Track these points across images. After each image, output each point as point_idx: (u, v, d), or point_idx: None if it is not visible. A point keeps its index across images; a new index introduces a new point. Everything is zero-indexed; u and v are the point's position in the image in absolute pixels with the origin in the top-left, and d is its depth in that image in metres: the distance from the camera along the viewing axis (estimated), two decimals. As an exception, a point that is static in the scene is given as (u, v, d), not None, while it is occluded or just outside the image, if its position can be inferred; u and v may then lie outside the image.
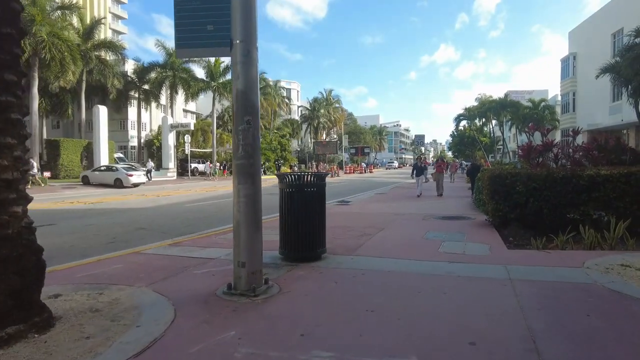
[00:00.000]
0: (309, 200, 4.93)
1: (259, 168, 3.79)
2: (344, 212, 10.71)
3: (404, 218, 9.42)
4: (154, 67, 44.93)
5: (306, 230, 4.90)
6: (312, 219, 4.94)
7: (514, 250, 5.73)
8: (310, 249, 4.98)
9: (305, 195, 4.92)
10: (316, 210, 5.00)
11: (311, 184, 5.01)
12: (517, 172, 7.36)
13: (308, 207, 4.91)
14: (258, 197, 3.79)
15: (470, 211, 10.60)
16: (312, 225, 4.95)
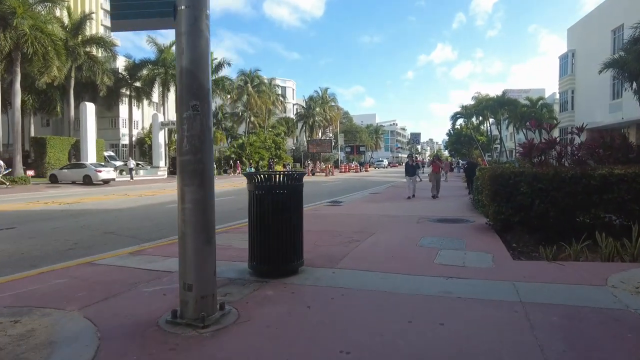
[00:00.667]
0: (283, 204, 4.18)
1: (210, 166, 3.04)
2: (334, 214, 9.98)
3: (397, 221, 8.70)
4: (146, 63, 44.03)
5: (279, 239, 4.16)
6: (287, 226, 4.20)
7: (521, 262, 5.01)
8: (284, 261, 4.24)
9: (278, 198, 4.17)
10: (291, 216, 4.26)
11: (285, 185, 4.27)
12: (522, 172, 6.65)
13: (282, 212, 4.16)
14: (209, 202, 3.04)
15: (468, 213, 9.90)
16: (287, 234, 4.21)
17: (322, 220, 8.85)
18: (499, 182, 6.66)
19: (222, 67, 42.02)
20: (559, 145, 9.47)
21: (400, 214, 9.81)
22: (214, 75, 42.19)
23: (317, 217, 9.27)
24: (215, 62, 42.31)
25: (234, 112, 59.54)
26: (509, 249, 6.04)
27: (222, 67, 42.05)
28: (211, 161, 3.05)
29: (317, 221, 8.60)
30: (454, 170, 36.13)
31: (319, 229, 7.53)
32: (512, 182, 6.57)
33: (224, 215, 10.01)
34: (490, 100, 42.25)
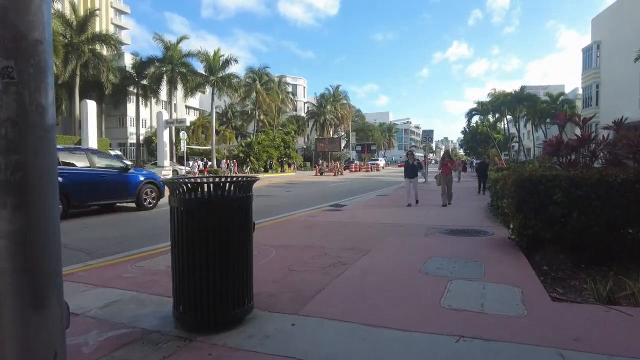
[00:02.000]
0: (221, 225, 2.90)
1: (45, 173, 1.77)
2: (329, 222, 8.68)
3: (401, 232, 7.35)
4: (153, 61, 43.30)
5: (213, 277, 2.88)
6: (225, 259, 2.92)
7: (563, 305, 3.62)
8: (220, 308, 2.94)
9: (213, 217, 2.89)
10: (235, 242, 2.98)
11: (225, 198, 2.98)
12: (555, 176, 5.25)
13: (218, 237, 2.89)
14: (42, 235, 1.77)
15: (486, 222, 8.49)
16: (225, 269, 2.92)
17: (312, 231, 7.56)
18: (526, 189, 5.27)
19: (229, 64, 41.00)
20: (594, 142, 8.00)
21: (407, 223, 8.45)
22: (221, 72, 41.25)
23: (308, 227, 7.98)
24: (222, 59, 41.35)
25: (243, 110, 58.68)
26: (540, 275, 4.68)
27: (229, 63, 41.01)
28: (48, 166, 1.77)
29: (305, 233, 7.32)
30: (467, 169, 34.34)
31: (304, 243, 6.24)
32: (543, 188, 5.18)
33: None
34: (508, 95, 40.19)
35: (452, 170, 13.26)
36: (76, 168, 10.10)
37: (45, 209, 1.81)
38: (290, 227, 8.03)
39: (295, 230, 7.57)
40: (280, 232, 7.50)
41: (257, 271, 4.56)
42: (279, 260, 5.12)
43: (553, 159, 8.68)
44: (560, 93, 39.54)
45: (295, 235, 7.00)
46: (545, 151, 9.11)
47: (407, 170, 12.37)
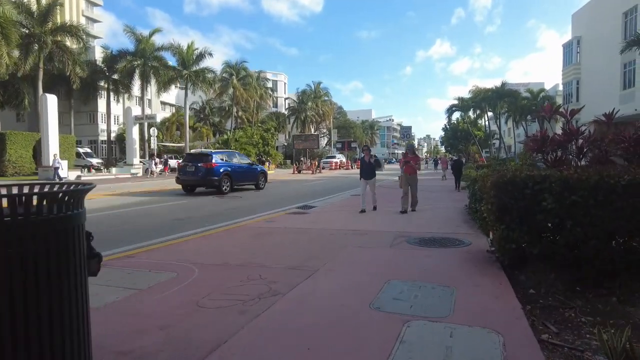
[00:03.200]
0: (27, 265, 1.72)
1: None
2: (285, 229, 7.54)
3: (363, 241, 6.27)
4: (124, 54, 41.35)
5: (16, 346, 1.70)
6: (32, 318, 1.73)
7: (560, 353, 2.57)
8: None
9: (18, 253, 1.70)
10: (49, 293, 1.80)
11: (23, 221, 1.78)
12: (545, 177, 4.22)
13: (24, 286, 1.70)
14: None
15: (463, 227, 7.48)
16: (32, 333, 1.74)
17: (261, 241, 6.41)
18: (509, 193, 4.24)
19: (204, 58, 39.39)
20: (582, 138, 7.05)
21: (373, 229, 7.38)
22: (195, 66, 39.61)
23: (259, 236, 6.83)
24: (196, 52, 39.71)
25: (221, 106, 56.98)
26: (527, 302, 3.70)
27: (203, 57, 39.41)
28: None
29: (251, 244, 6.17)
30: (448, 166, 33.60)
31: (242, 260, 5.10)
32: (530, 192, 4.15)
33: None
34: (488, 91, 39.63)
35: (417, 169, 10.96)
36: (233, 163, 17.30)
37: None
38: (237, 236, 6.87)
39: (240, 241, 6.42)
40: (222, 243, 6.34)
41: (151, 307, 3.40)
42: (195, 287, 3.97)
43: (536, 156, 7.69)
44: (541, 89, 39.21)
45: (236, 249, 5.85)
46: (529, 147, 8.10)
47: (363, 170, 10.09)
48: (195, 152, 19.20)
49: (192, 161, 16.26)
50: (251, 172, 17.95)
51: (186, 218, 9.66)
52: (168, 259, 5.22)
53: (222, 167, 16.15)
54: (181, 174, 16.44)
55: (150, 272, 4.65)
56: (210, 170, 15.63)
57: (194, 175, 15.81)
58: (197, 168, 15.81)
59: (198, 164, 15.84)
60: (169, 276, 4.44)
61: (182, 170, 16.41)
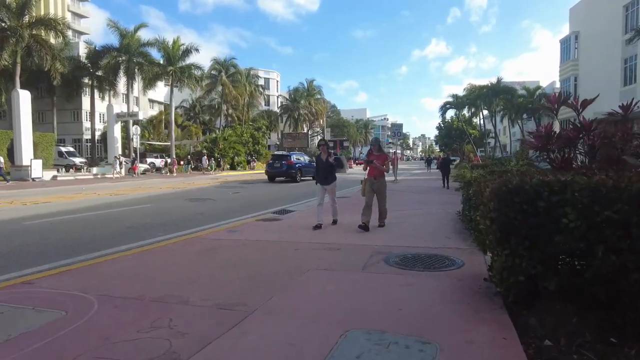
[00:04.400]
0: None
1: None
2: (244, 242, 6.33)
3: (332, 260, 5.08)
4: (108, 50, 39.86)
5: None
6: None
7: None
8: None
9: None
10: None
11: None
12: (566, 183, 3.04)
13: None
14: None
15: (454, 238, 6.31)
16: None
17: (208, 260, 5.21)
18: (515, 206, 3.06)
19: (190, 54, 38.01)
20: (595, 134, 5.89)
21: (348, 242, 6.19)
22: (181, 62, 38.22)
23: (208, 253, 5.62)
24: (182, 48, 38.31)
25: (210, 104, 55.58)
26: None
27: (189, 53, 38.03)
28: None
29: (191, 266, 4.96)
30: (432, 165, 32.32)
31: (162, 292, 3.89)
32: (545, 205, 2.98)
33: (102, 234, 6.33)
34: (484, 88, 38.41)
35: (385, 170, 7.58)
36: (302, 161, 23.27)
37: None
38: (183, 253, 5.66)
39: (182, 260, 5.21)
40: (159, 263, 5.13)
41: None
42: (70, 340, 2.78)
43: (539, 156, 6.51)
44: (538, 87, 38.12)
45: (169, 272, 4.65)
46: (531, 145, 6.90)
47: (320, 172, 7.81)
48: (279, 153, 26.07)
49: (278, 160, 23.31)
50: (311, 167, 22.55)
51: (143, 225, 8.45)
52: (73, 287, 4.03)
53: (297, 164, 22.89)
54: (269, 168, 23.23)
55: (34, 309, 3.47)
56: (291, 166, 22.41)
57: (280, 169, 22.56)
58: (281, 164, 22.55)
59: (282, 162, 22.74)
60: (53, 317, 3.26)
61: (270, 166, 23.29)
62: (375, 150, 7.76)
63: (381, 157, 7.66)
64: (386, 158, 7.74)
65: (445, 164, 18.59)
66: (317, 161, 8.01)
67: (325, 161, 7.73)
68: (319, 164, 7.88)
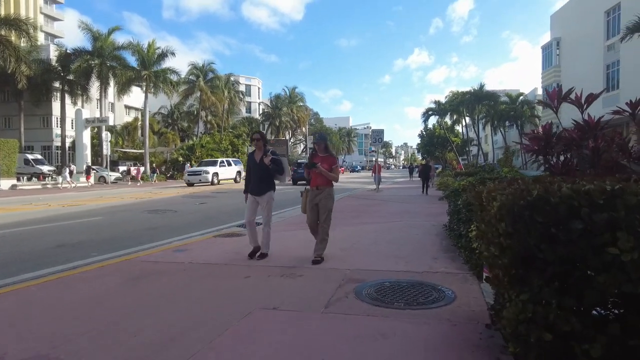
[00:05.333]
0: None
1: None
2: (186, 267, 5.16)
3: (288, 293, 3.96)
4: (80, 53, 38.14)
5: None
6: None
7: None
8: None
9: None
10: None
11: None
12: (615, 193, 2.01)
13: None
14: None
15: (442, 258, 5.26)
16: None
17: (128, 295, 4.04)
18: (540, 229, 2.03)
19: (166, 57, 36.64)
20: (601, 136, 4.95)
21: (322, 264, 5.10)
22: (156, 66, 36.80)
23: (134, 284, 4.45)
24: (157, 51, 36.90)
25: (189, 110, 54.05)
26: None
27: (165, 57, 36.67)
28: None
29: (99, 305, 3.79)
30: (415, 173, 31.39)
31: (33, 351, 2.72)
32: (584, 227, 1.95)
33: None
34: (466, 94, 37.93)
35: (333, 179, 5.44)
36: None
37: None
38: (98, 283, 4.46)
39: (89, 295, 4.03)
40: (57, 299, 3.93)
41: None
42: None
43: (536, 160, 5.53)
44: (520, 93, 37.91)
45: (60, 315, 3.46)
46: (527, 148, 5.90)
47: (252, 176, 5.64)
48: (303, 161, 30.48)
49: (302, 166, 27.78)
50: None
51: (78, 243, 7.20)
52: None
53: None
54: (295, 173, 25.73)
55: None
56: None
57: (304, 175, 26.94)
58: None
59: None
60: None
61: (296, 172, 25.89)
62: (320, 151, 5.56)
63: (328, 159, 5.43)
64: (334, 162, 5.49)
65: (425, 171, 19.27)
66: (249, 162, 5.79)
67: (259, 162, 5.56)
68: (251, 166, 5.69)
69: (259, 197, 5.61)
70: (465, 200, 5.49)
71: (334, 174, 5.41)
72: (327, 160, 5.45)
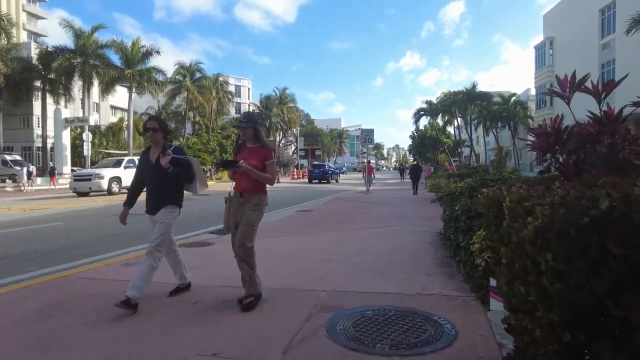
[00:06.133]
0: None
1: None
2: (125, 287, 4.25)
3: (241, 327, 3.08)
4: (62, 51, 36.85)
5: None
6: None
7: None
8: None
9: None
10: None
11: None
12: None
13: None
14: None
15: (438, 276, 4.42)
16: None
17: (21, 337, 3.12)
18: (615, 264, 1.18)
19: (151, 56, 35.52)
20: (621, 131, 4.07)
21: (283, 283, 4.22)
22: (141, 65, 35.65)
23: (46, 313, 3.54)
24: (142, 50, 35.75)
25: (177, 111, 52.84)
26: None
27: (150, 55, 35.54)
28: None
29: None
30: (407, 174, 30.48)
31: None
32: None
33: None
34: (459, 94, 37.25)
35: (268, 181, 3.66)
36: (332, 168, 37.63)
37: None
38: (15, 309, 3.54)
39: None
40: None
41: None
42: None
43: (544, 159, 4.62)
44: (513, 94, 37.39)
45: None
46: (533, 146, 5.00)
47: (147, 186, 3.83)
48: (317, 163, 38.63)
49: (317, 168, 35.04)
50: (336, 172, 36.49)
51: (19, 255, 6.25)
52: None
53: (330, 170, 34.79)
54: (310, 174, 33.82)
55: None
56: (325, 172, 33.31)
57: (318, 174, 32.92)
58: (319, 171, 33.65)
59: (320, 169, 34.16)
60: None
61: (311, 172, 34.12)
62: (248, 140, 3.70)
63: (259, 152, 3.62)
64: (268, 156, 3.64)
65: (416, 172, 19.75)
66: (140, 163, 3.89)
67: (154, 164, 3.68)
68: (143, 169, 3.84)
69: (156, 216, 3.72)
70: (464, 206, 4.65)
71: (269, 173, 3.60)
72: (257, 154, 3.59)
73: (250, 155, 3.61)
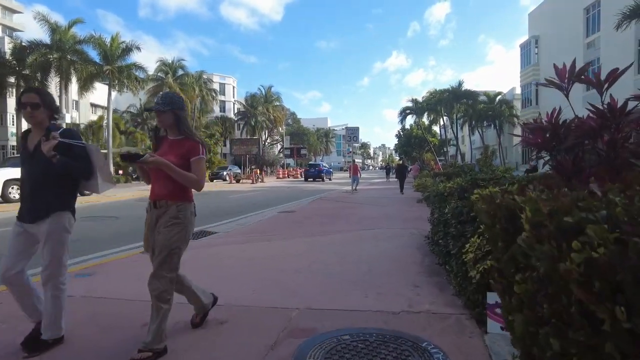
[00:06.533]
0: None
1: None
2: (85, 300, 3.66)
3: (198, 356, 2.56)
4: (37, 46, 35.52)
5: None
6: None
7: None
8: None
9: None
10: None
11: None
12: None
13: None
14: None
15: (425, 286, 3.94)
16: None
17: None
18: None
19: (131, 52, 34.46)
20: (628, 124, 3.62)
21: (253, 299, 3.69)
22: (120, 61, 34.56)
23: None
24: (122, 46, 34.66)
25: (159, 109, 51.67)
26: None
27: (130, 51, 34.48)
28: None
29: None
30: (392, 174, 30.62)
31: None
32: None
33: None
34: (445, 92, 37.04)
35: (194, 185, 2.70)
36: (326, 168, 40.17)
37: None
38: None
39: None
40: None
41: None
42: None
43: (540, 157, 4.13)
44: (498, 93, 37.41)
45: None
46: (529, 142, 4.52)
47: (21, 189, 2.80)
48: (313, 163, 45.42)
49: (313, 167, 37.66)
50: (329, 172, 38.61)
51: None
52: None
53: (324, 169, 37.10)
54: (306, 173, 36.31)
55: None
56: (320, 171, 35.87)
57: (314, 173, 35.33)
58: (315, 170, 36.17)
59: (316, 168, 36.72)
60: None
61: (307, 171, 36.76)
62: (170, 131, 2.79)
63: (181, 146, 2.68)
64: (194, 151, 2.67)
65: (401, 171, 20.10)
66: (21, 154, 2.87)
67: (33, 151, 2.69)
68: (23, 161, 2.79)
69: (33, 226, 2.65)
70: (455, 209, 4.19)
71: (195, 173, 2.67)
72: (179, 148, 2.67)
73: (169, 150, 2.64)
